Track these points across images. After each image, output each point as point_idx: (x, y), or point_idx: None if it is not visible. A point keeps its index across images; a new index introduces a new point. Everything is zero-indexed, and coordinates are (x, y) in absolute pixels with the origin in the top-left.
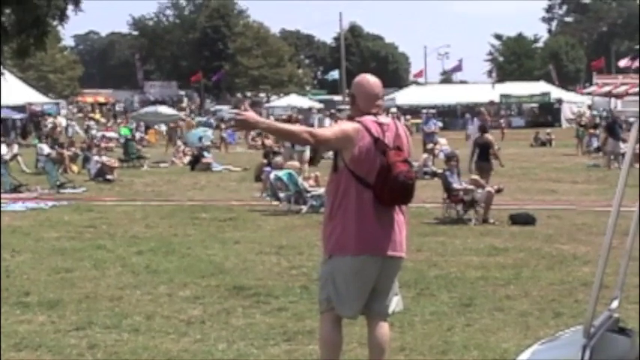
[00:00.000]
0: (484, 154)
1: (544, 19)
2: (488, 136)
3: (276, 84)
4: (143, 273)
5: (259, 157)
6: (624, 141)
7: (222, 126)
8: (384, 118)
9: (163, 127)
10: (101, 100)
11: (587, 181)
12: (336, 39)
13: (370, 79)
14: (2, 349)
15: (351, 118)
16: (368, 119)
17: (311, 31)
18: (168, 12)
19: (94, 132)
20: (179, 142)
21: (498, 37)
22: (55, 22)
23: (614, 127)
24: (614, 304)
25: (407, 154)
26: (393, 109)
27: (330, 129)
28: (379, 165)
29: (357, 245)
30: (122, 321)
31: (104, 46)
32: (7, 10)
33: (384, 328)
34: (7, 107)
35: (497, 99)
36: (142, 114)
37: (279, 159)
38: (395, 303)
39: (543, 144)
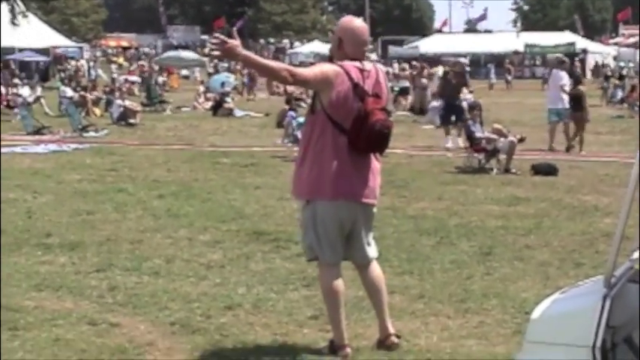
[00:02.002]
0: (578, 105)
1: None
2: (582, 87)
3: (300, 30)
4: (164, 217)
5: (281, 104)
6: None
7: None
8: (366, 64)
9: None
10: (124, 44)
11: (610, 132)
12: None
13: (360, 25)
14: (23, 289)
15: (331, 60)
16: (350, 64)
17: None
18: None
19: (115, 76)
20: (201, 87)
21: None
22: None
23: None
24: (636, 255)
25: (385, 102)
26: (463, 60)
27: (310, 69)
28: (356, 111)
29: (333, 189)
30: (142, 264)
31: None
32: None
33: (374, 271)
34: (31, 50)
35: (521, 48)
36: (164, 58)
37: None
38: (373, 249)
39: None
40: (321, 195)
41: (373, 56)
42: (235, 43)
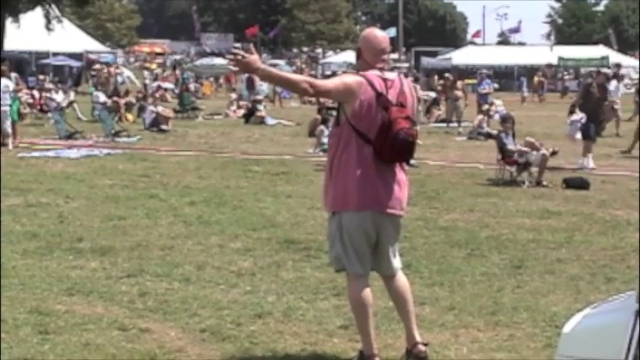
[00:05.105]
0: None
1: None
2: None
3: (333, 40)
4: (195, 223)
5: (313, 112)
6: None
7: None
8: (389, 74)
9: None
10: (158, 50)
11: None
12: None
13: (378, 34)
14: (54, 293)
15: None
16: (372, 74)
17: None
18: None
19: (147, 82)
20: (233, 95)
21: None
22: None
23: None
24: None
25: (410, 112)
26: (607, 71)
27: (331, 80)
28: (380, 121)
29: (358, 200)
30: (173, 270)
31: None
32: None
33: (400, 280)
34: (65, 54)
35: (555, 62)
36: (197, 65)
37: None
38: (398, 260)
39: None
40: (345, 206)
41: (405, 66)
42: (253, 57)
